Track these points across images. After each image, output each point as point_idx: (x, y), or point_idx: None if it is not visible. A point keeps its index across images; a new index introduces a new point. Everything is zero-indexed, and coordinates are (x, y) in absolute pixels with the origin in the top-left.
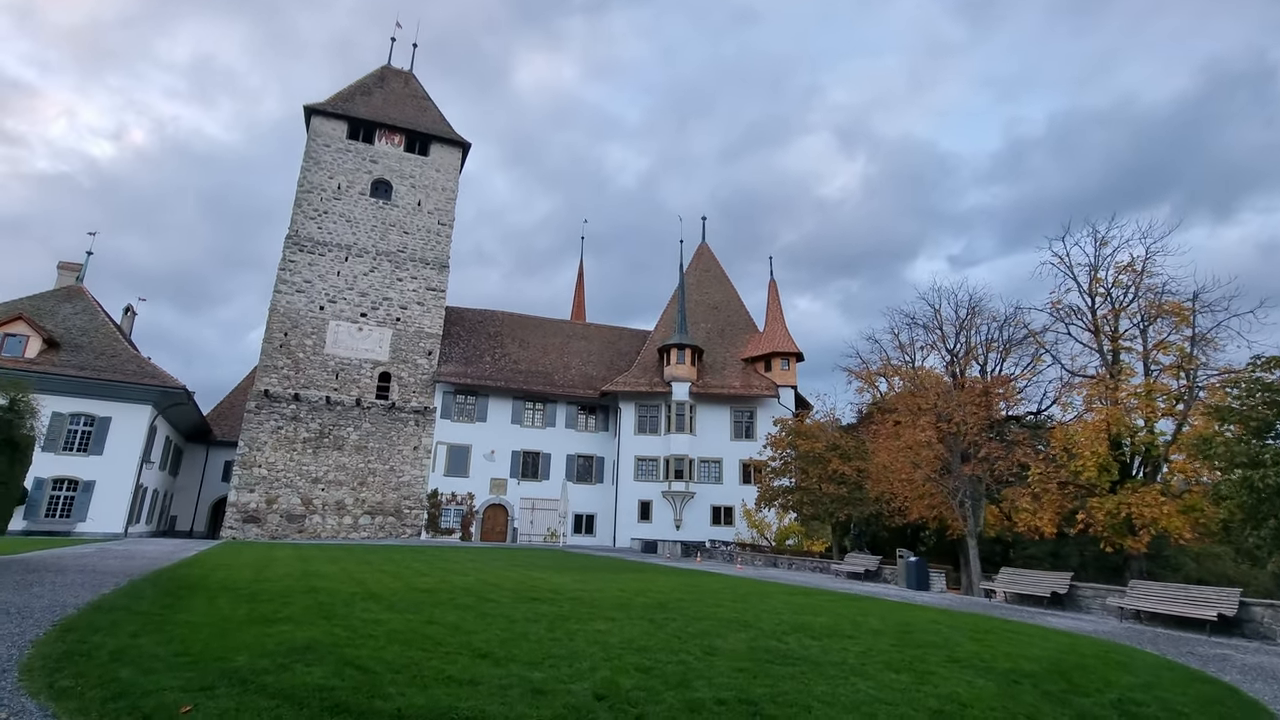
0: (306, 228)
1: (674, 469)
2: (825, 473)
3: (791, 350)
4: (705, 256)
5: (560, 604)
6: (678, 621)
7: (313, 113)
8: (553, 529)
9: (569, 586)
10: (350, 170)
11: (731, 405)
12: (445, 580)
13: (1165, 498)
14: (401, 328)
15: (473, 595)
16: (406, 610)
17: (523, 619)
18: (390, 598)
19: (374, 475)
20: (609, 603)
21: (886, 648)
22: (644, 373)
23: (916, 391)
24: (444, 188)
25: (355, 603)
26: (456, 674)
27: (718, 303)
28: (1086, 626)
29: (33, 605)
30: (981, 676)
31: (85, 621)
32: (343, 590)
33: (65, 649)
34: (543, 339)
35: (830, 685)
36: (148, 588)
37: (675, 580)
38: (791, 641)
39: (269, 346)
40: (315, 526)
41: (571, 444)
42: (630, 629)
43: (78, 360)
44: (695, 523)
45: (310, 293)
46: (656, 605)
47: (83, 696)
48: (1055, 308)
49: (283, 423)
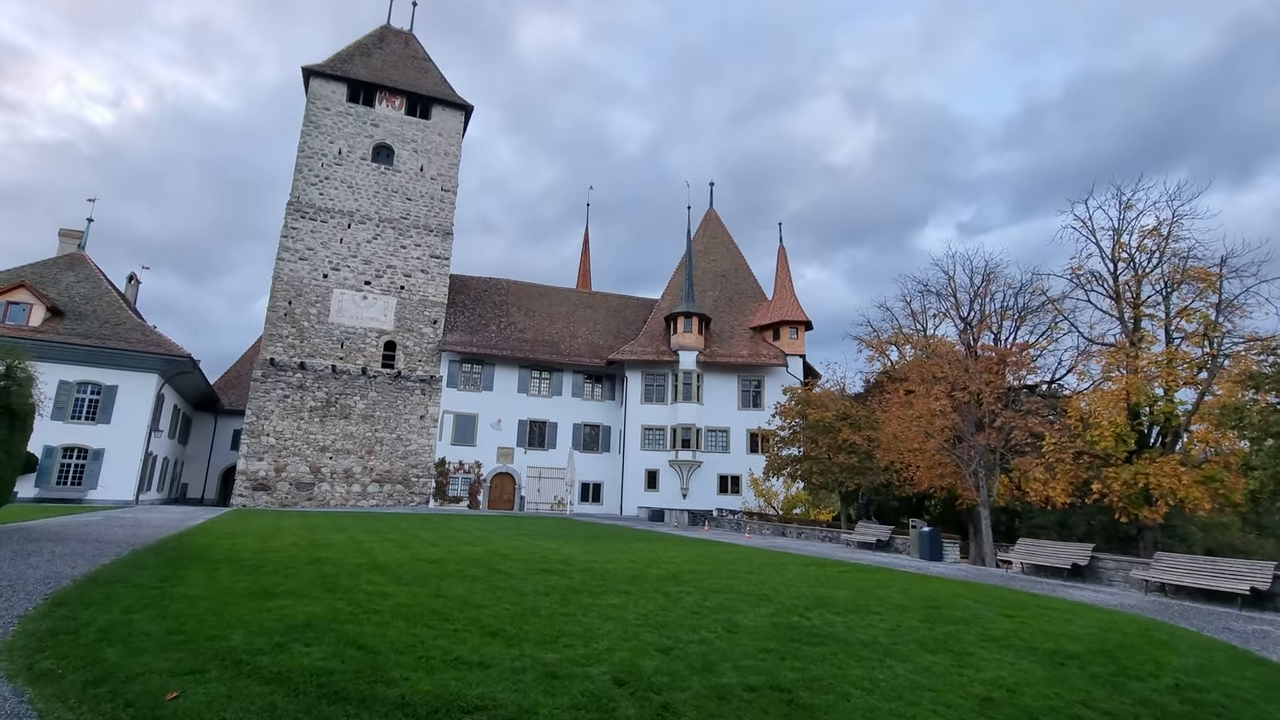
0: (308, 194)
1: (681, 438)
2: (835, 442)
3: (800, 319)
4: (713, 223)
5: (571, 576)
6: (694, 595)
7: (311, 74)
8: (559, 497)
9: (579, 557)
10: (351, 134)
11: (739, 374)
12: (453, 550)
13: (1185, 468)
14: (406, 296)
15: (482, 566)
16: (413, 582)
17: (533, 592)
18: (397, 569)
19: (381, 444)
20: (621, 575)
21: (916, 624)
22: (650, 341)
23: (930, 360)
24: (447, 152)
25: (361, 575)
26: (465, 655)
27: (725, 270)
28: (1112, 600)
29: (26, 577)
30: (1023, 658)
31: (78, 595)
32: (349, 561)
33: (52, 625)
34: (549, 307)
35: (865, 668)
36: (150, 558)
37: (686, 550)
38: (815, 618)
39: (273, 315)
40: (324, 494)
41: (578, 413)
42: (645, 603)
43: (82, 329)
44: (702, 491)
45: (313, 260)
46: (670, 577)
47: (62, 680)
48: (1075, 274)
49: (289, 391)
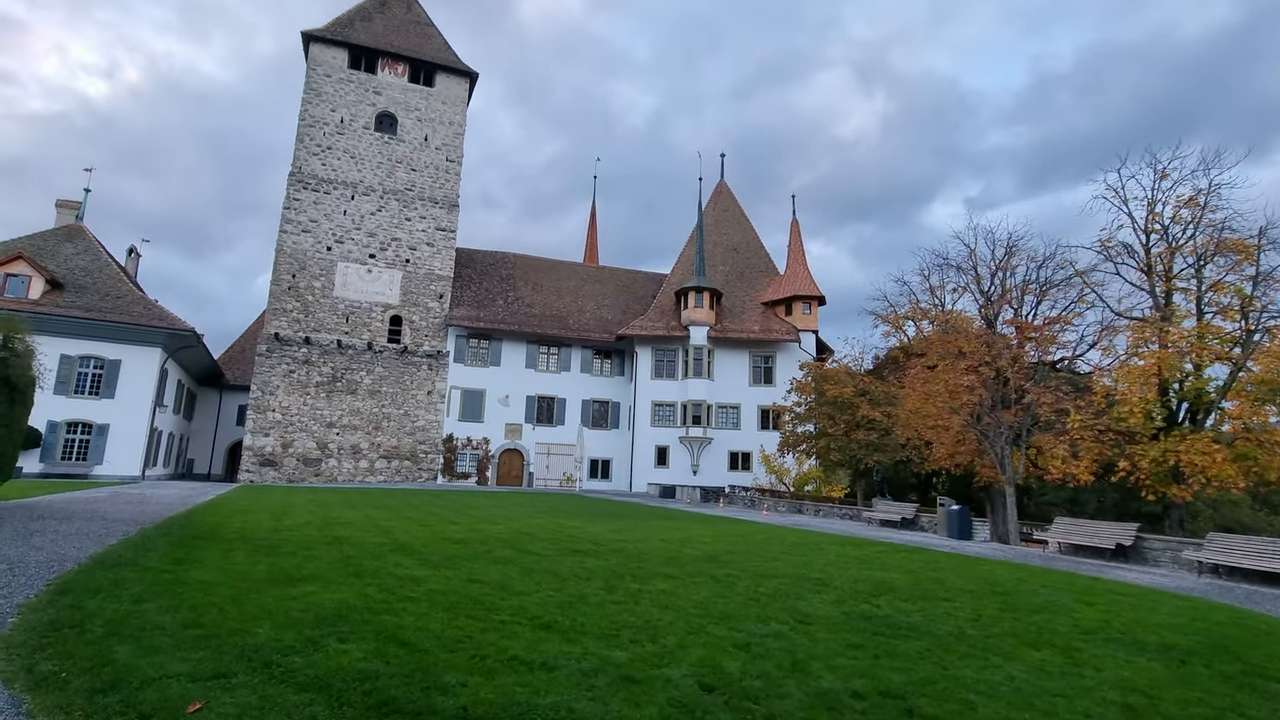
0: (310, 164)
1: (691, 414)
2: (854, 419)
3: (814, 293)
4: (724, 196)
5: (606, 557)
6: (744, 580)
7: (311, 39)
8: (568, 474)
9: (606, 536)
10: (353, 103)
11: (750, 350)
12: (476, 529)
13: (1217, 445)
14: (411, 269)
15: (509, 547)
16: (442, 565)
17: (573, 576)
18: (421, 550)
19: (388, 419)
20: (656, 556)
21: (996, 613)
22: (661, 316)
23: (957, 334)
24: (451, 121)
25: (385, 556)
26: (522, 653)
27: (737, 244)
28: (1169, 582)
29: (28, 559)
30: (1136, 654)
31: (84, 580)
32: (369, 541)
33: (55, 617)
34: (556, 282)
35: (974, 669)
36: (158, 538)
37: (712, 529)
38: (885, 605)
39: (277, 289)
40: (332, 470)
41: (587, 389)
42: (696, 590)
43: (83, 302)
44: (712, 468)
45: (317, 233)
46: (708, 559)
47: (66, 686)
48: (1105, 245)
49: (294, 366)
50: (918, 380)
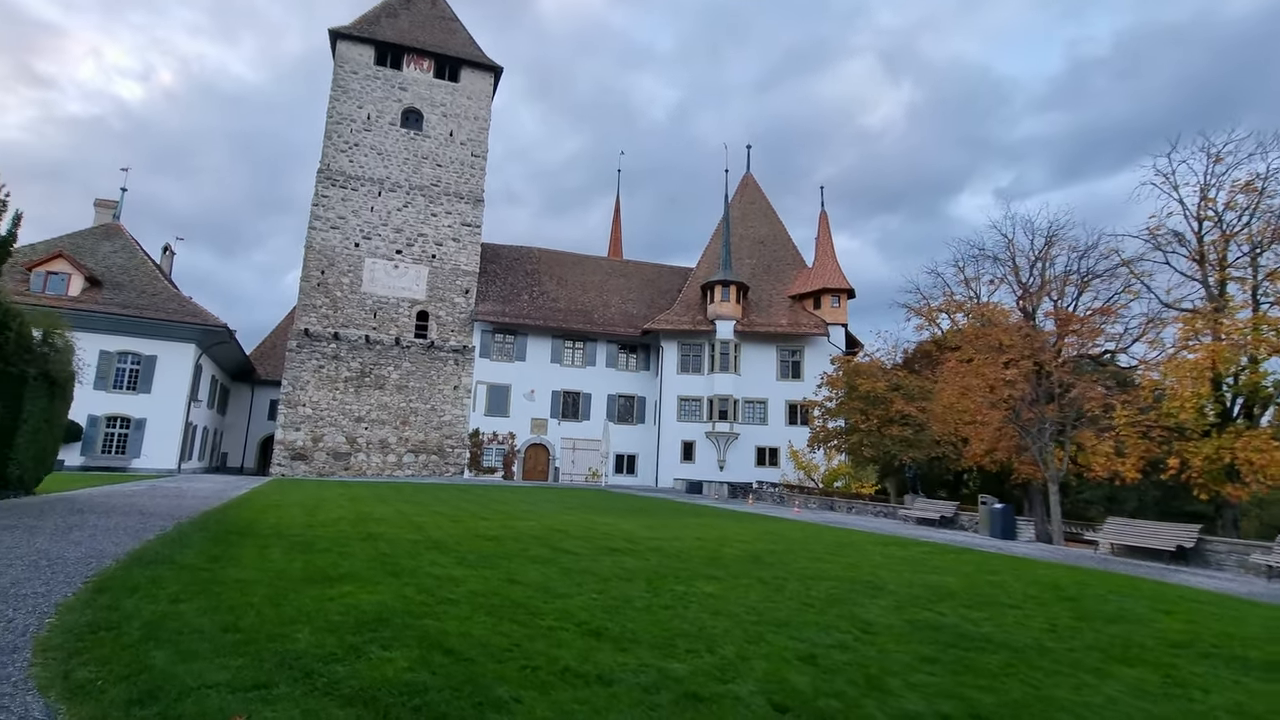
0: (338, 161)
1: (718, 409)
2: (887, 414)
3: (843, 286)
4: (750, 188)
5: (645, 557)
6: (792, 583)
7: (338, 37)
8: (594, 469)
9: (641, 534)
10: (379, 99)
11: (778, 344)
12: (508, 526)
13: (1277, 442)
14: (438, 265)
15: (544, 545)
16: (479, 564)
17: (614, 577)
18: (456, 547)
19: (415, 414)
20: (696, 555)
21: (1071, 623)
22: (687, 311)
23: (995, 327)
24: (476, 116)
25: (420, 554)
26: (574, 664)
27: (763, 237)
28: (1238, 587)
29: (67, 556)
30: (1241, 673)
31: (121, 578)
32: (403, 538)
33: (92, 618)
34: (581, 276)
35: (1068, 688)
36: (195, 534)
37: (747, 526)
38: (948, 613)
39: (306, 285)
40: (361, 464)
41: (612, 383)
42: (745, 593)
43: (120, 299)
44: (739, 464)
45: (345, 229)
46: (749, 559)
47: (102, 696)
48: (1153, 234)
49: (324, 362)
50: (953, 374)
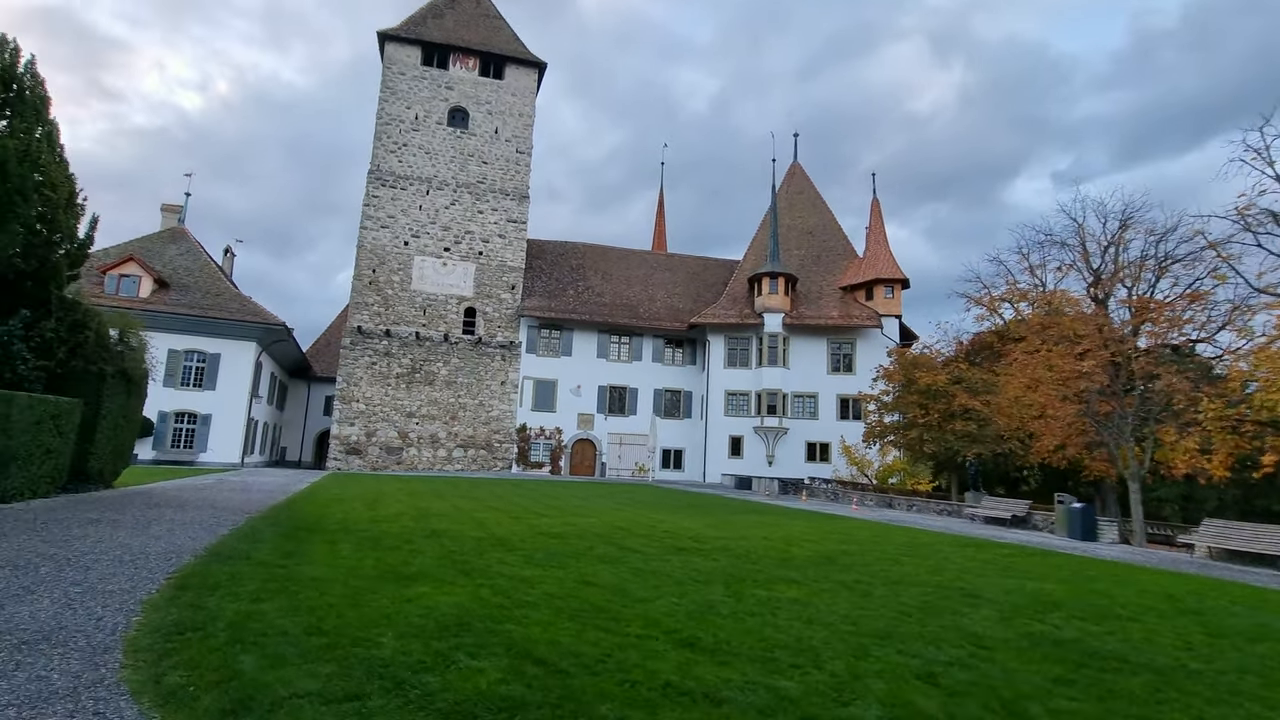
0: (387, 161)
1: (766, 404)
2: (949, 408)
3: (897, 276)
4: (798, 177)
5: (714, 557)
6: (878, 588)
7: (386, 39)
8: (641, 463)
9: (704, 533)
10: (426, 99)
11: (828, 337)
12: (568, 523)
13: None
14: (484, 262)
15: (609, 543)
16: (548, 563)
17: (689, 580)
18: (520, 545)
19: (464, 410)
20: (766, 556)
21: (1205, 640)
22: (733, 304)
23: (1067, 316)
24: (520, 113)
25: (486, 552)
26: (675, 679)
27: (812, 227)
28: None
29: (148, 550)
30: None
31: (201, 575)
32: (466, 534)
33: (177, 617)
34: (626, 270)
35: None
36: (265, 529)
37: (810, 525)
38: (1062, 625)
39: (359, 284)
40: (412, 458)
41: (658, 378)
42: (832, 599)
43: (186, 299)
44: (788, 459)
45: (394, 228)
46: (823, 560)
47: (194, 704)
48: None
49: (376, 358)
50: (1018, 366)
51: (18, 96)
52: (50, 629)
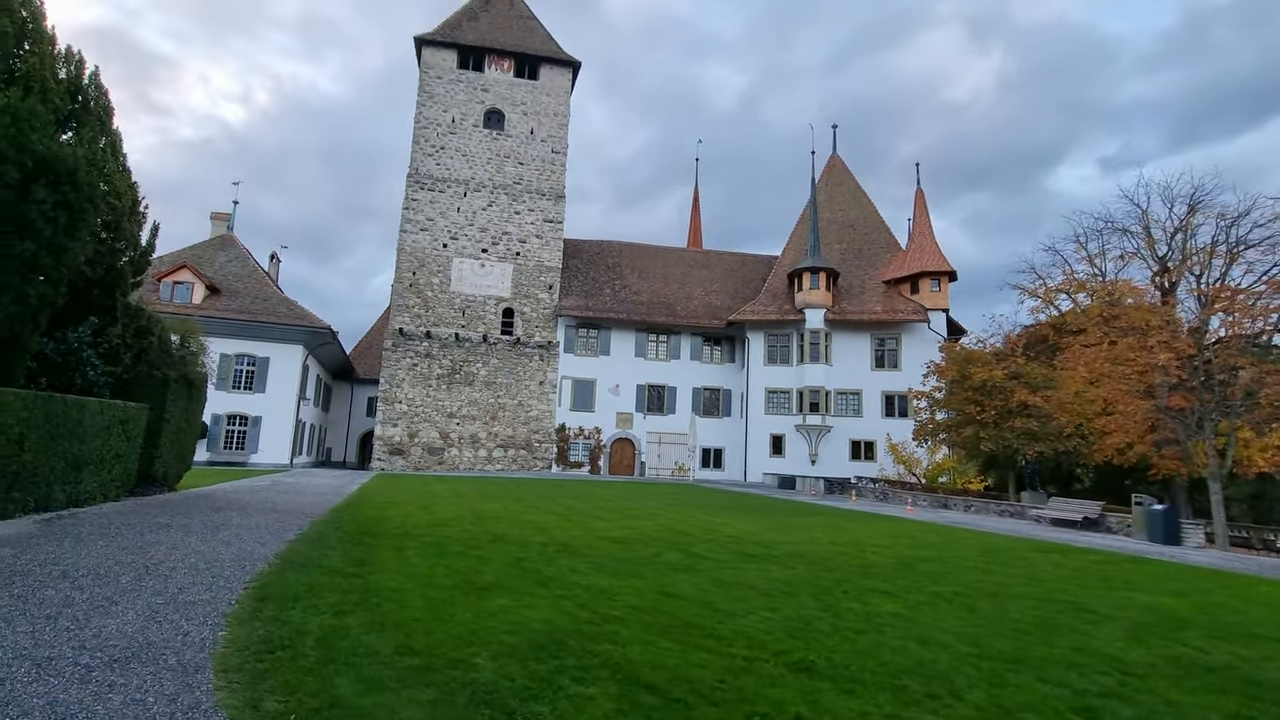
0: (425, 165)
1: (808, 401)
2: (1007, 404)
3: (943, 269)
4: (837, 170)
5: (788, 564)
6: (979, 600)
7: (423, 44)
8: (680, 463)
9: (768, 537)
10: (463, 102)
11: (872, 332)
12: (627, 526)
13: None
14: (521, 262)
15: (675, 549)
16: (621, 572)
17: (774, 592)
18: (585, 551)
19: (504, 410)
20: (842, 563)
21: None
22: (773, 300)
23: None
24: (555, 113)
25: (554, 559)
26: (803, 710)
27: (853, 220)
28: None
29: (221, 557)
30: None
31: (278, 584)
32: (529, 540)
33: (264, 633)
34: (662, 268)
35: None
36: (330, 534)
37: (872, 528)
38: (1206, 646)
39: (399, 286)
40: (453, 459)
41: (697, 376)
42: (935, 614)
43: (236, 305)
44: (832, 458)
45: (433, 230)
46: (903, 567)
47: None
48: None
49: (417, 360)
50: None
51: (83, 107)
52: (139, 645)
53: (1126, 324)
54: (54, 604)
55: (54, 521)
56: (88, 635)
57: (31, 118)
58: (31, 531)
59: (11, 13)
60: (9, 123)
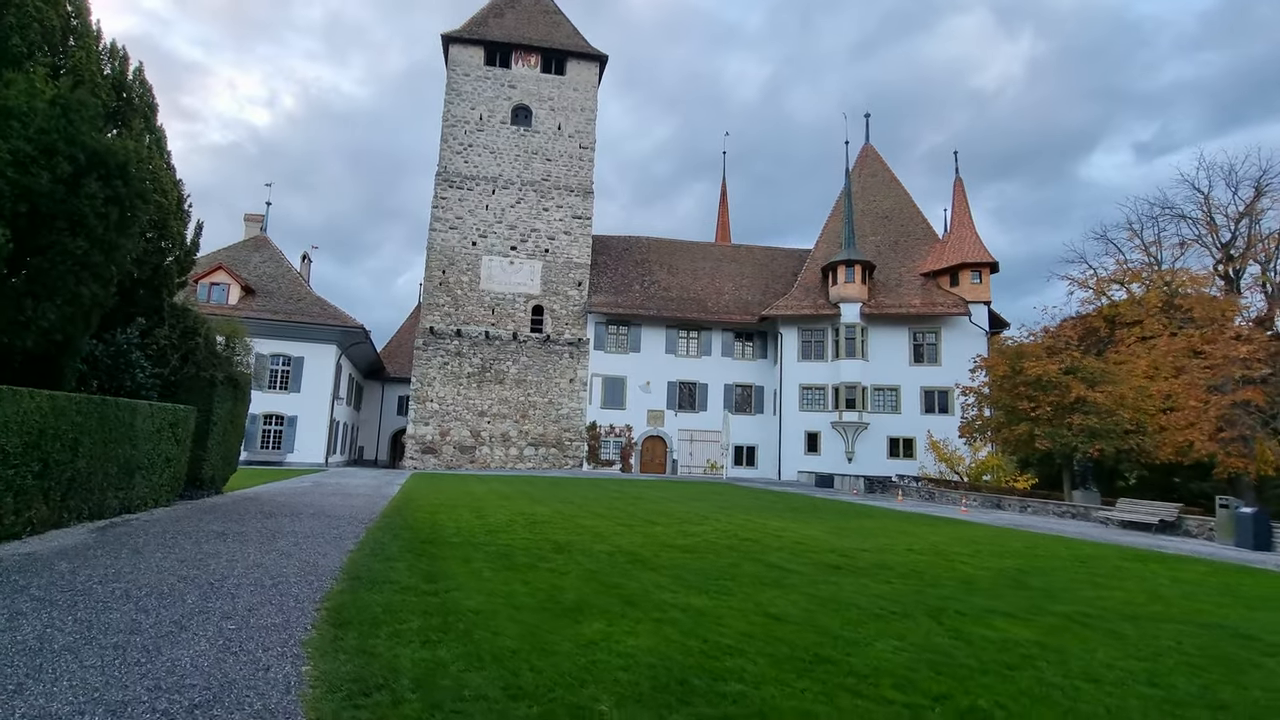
0: (454, 163)
1: (844, 398)
2: (1065, 400)
3: (985, 260)
4: (871, 160)
5: (881, 577)
6: (1124, 626)
7: (450, 41)
8: (713, 461)
9: (840, 543)
10: (490, 99)
11: (910, 326)
12: (684, 531)
13: None
14: (550, 259)
15: (750, 559)
16: (708, 589)
17: (885, 613)
18: (656, 561)
19: (534, 408)
20: (938, 576)
21: None
22: (806, 294)
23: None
24: (583, 108)
25: (630, 572)
26: None
27: (888, 211)
28: None
29: (285, 571)
30: None
31: (354, 606)
32: (593, 549)
33: (352, 669)
34: (691, 264)
35: None
36: (389, 542)
37: (943, 532)
38: None
39: (429, 285)
40: (485, 457)
41: (729, 373)
42: (1077, 641)
43: (271, 305)
44: (868, 455)
45: (462, 229)
46: (1009, 581)
47: None
48: None
49: (448, 358)
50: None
51: (127, 104)
52: (218, 684)
53: (1203, 315)
54: (120, 630)
55: (108, 530)
56: (160, 670)
57: (82, 108)
58: (87, 541)
59: (58, 5)
60: (60, 114)
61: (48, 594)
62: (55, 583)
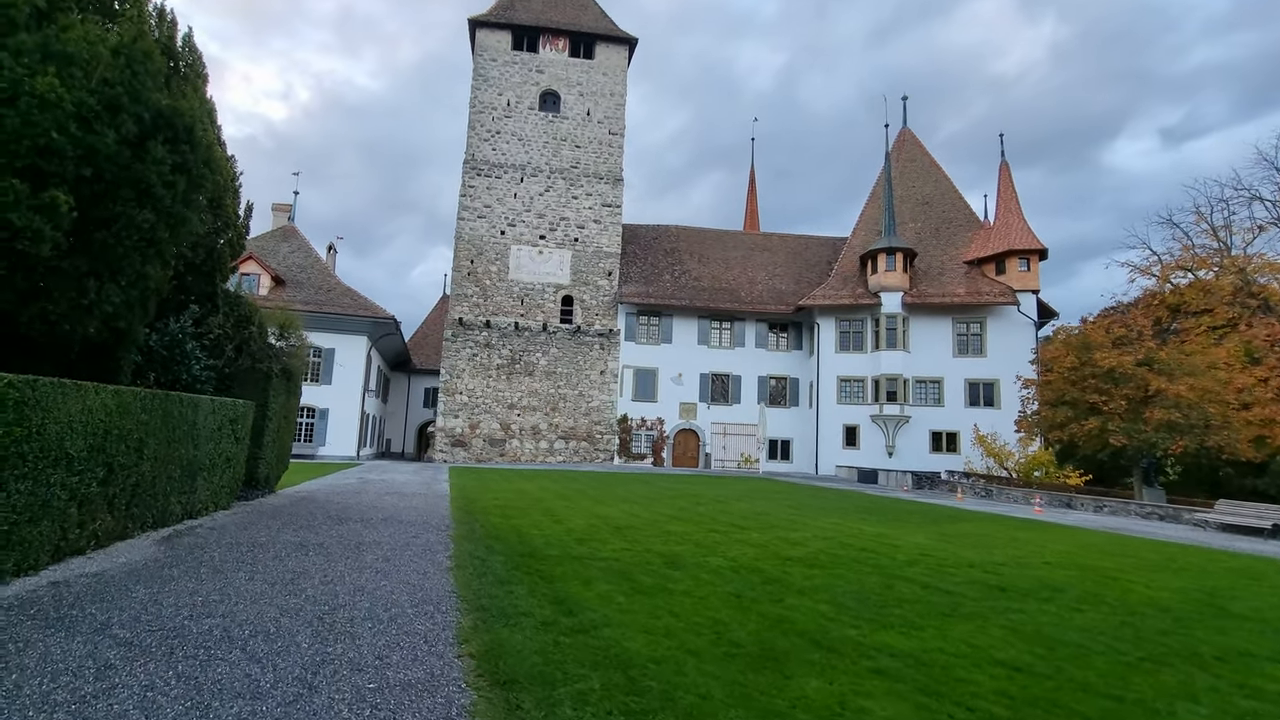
0: (482, 150)
1: (885, 390)
2: (1139, 394)
3: (1033, 247)
4: (909, 144)
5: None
6: None
7: (477, 25)
8: (747, 454)
9: (968, 555)
10: (518, 84)
11: (954, 316)
12: (790, 539)
13: None
14: (580, 248)
15: (899, 579)
16: (892, 623)
17: (1130, 655)
18: (792, 581)
19: (564, 400)
20: (1131, 603)
21: None
22: (844, 284)
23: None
24: (612, 93)
25: (779, 598)
26: None
27: (928, 197)
28: None
29: (395, 598)
30: None
31: (506, 655)
32: (708, 563)
33: None
34: (722, 253)
35: None
36: (485, 555)
37: (1060, 539)
38: None
39: (458, 275)
40: (515, 450)
41: (762, 364)
42: None
43: (301, 295)
44: (910, 450)
45: (490, 218)
46: (1208, 609)
47: None
48: None
49: (477, 350)
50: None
51: (176, 71)
52: None
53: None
54: (237, 694)
55: (175, 540)
56: None
57: (148, 60)
58: (157, 556)
59: None
60: (124, 65)
61: (134, 635)
62: (139, 617)
